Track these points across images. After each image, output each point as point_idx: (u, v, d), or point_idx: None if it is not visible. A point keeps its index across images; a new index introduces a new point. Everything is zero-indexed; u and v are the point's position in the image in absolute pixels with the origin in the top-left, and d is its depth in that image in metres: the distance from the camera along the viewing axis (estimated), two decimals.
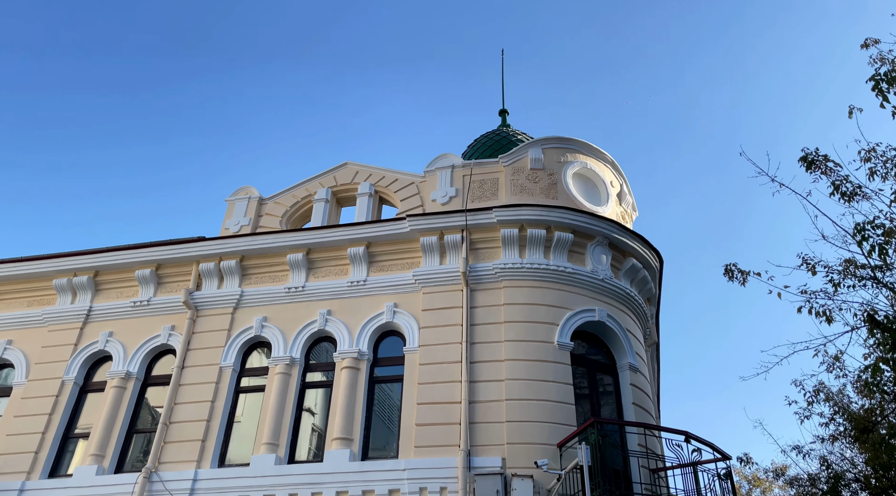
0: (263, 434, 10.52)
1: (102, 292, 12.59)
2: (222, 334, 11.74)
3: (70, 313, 12.32)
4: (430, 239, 11.66)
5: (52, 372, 11.71)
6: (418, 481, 9.59)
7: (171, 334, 11.91)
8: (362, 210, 13.10)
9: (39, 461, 10.79)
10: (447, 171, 12.83)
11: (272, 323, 11.75)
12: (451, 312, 11.09)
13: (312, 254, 12.17)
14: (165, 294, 12.39)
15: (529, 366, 10.37)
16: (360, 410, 10.62)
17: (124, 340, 11.96)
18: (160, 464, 10.41)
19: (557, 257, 11.51)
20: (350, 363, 11.00)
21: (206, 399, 11.01)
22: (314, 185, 13.75)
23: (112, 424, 11.05)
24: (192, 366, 11.41)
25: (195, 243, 12.42)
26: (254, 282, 12.31)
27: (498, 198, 12.27)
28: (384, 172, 13.56)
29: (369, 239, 11.96)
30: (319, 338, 11.74)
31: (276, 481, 10.00)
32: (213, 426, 10.77)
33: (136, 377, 11.61)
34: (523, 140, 14.53)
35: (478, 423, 9.94)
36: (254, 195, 13.66)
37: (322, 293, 11.87)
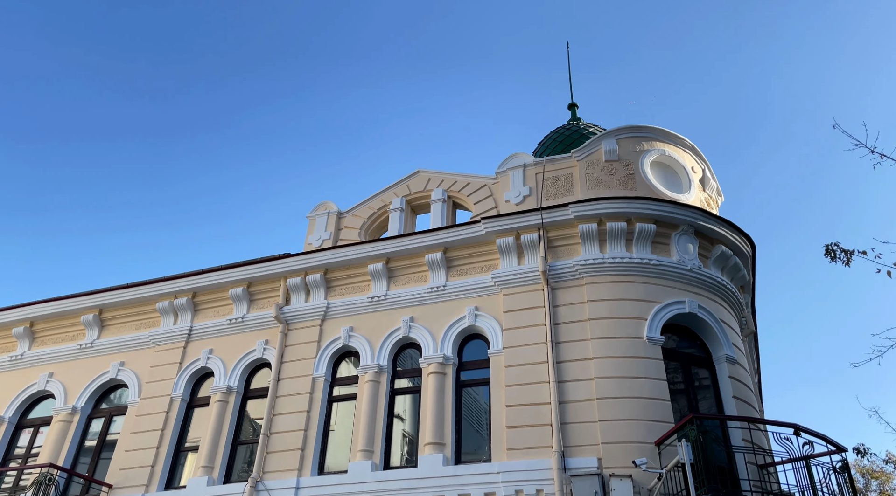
0: (358, 441, 10.76)
1: (201, 312, 13.30)
2: (312, 346, 12.12)
3: (173, 333, 13.09)
4: (506, 240, 11.59)
5: (161, 390, 12.47)
6: (513, 484, 9.52)
7: (265, 348, 12.41)
8: (437, 216, 13.21)
9: (155, 474, 11.49)
10: (519, 171, 12.73)
11: (358, 332, 12.02)
12: (534, 312, 10.98)
13: (392, 263, 12.38)
14: (258, 310, 12.93)
15: (619, 364, 10.09)
16: (449, 415, 10.67)
17: (223, 356, 12.57)
18: (264, 474, 10.85)
19: (641, 250, 11.16)
20: (436, 368, 11.08)
21: (302, 409, 11.39)
22: (388, 195, 13.99)
23: (218, 437, 11.63)
24: (286, 378, 11.84)
25: (281, 260, 12.90)
26: (338, 293, 12.65)
27: (573, 193, 12.05)
28: (456, 177, 13.62)
29: (446, 244, 12.03)
30: (404, 344, 11.91)
31: (374, 487, 10.20)
32: (311, 435, 11.12)
33: (236, 391, 12.17)
34: (595, 132, 14.23)
35: (570, 424, 9.77)
36: (332, 210, 14.06)
37: (404, 300, 12.04)
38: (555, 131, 15.23)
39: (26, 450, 12.88)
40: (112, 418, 12.77)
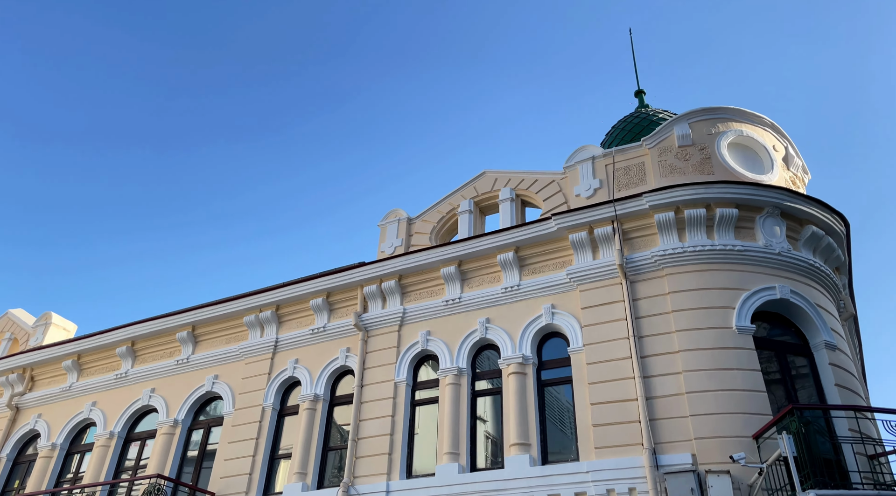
0: (444, 444, 10.84)
1: (285, 323, 13.79)
2: (392, 351, 12.32)
3: (261, 346, 13.63)
4: (579, 235, 11.39)
5: (253, 400, 13.01)
6: (604, 483, 9.33)
7: (347, 356, 12.71)
8: (506, 216, 13.14)
9: (253, 481, 11.99)
10: (587, 164, 12.48)
11: (436, 336, 12.12)
12: (613, 307, 10.72)
13: (464, 266, 12.41)
14: (338, 319, 13.27)
15: (708, 355, 9.70)
16: (533, 415, 10.58)
17: (309, 365, 12.97)
18: (355, 478, 11.11)
19: (723, 236, 10.69)
20: (516, 368, 11.02)
21: (386, 414, 11.59)
22: (456, 198, 14.04)
23: (309, 444, 12.00)
24: (369, 384, 12.08)
25: (356, 269, 13.19)
26: (413, 298, 12.80)
27: (646, 182, 11.69)
28: (523, 175, 13.51)
29: (517, 243, 11.94)
30: (482, 346, 11.91)
31: (462, 489, 10.24)
32: (397, 439, 11.30)
33: (323, 398, 12.53)
34: (665, 118, 13.76)
35: (659, 420, 9.48)
36: (402, 216, 14.25)
37: (478, 302, 12.04)
38: (622, 120, 14.83)
39: (136, 462, 13.74)
40: (210, 429, 13.43)
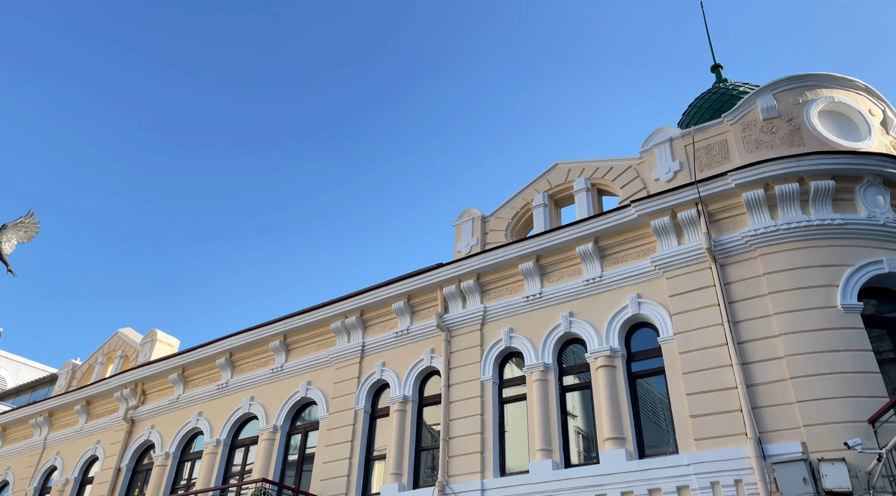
0: (536, 441, 10.76)
1: (370, 328, 14.11)
2: (476, 350, 12.35)
3: (349, 351, 14.01)
4: (661, 220, 11.01)
5: (345, 404, 13.39)
6: (707, 475, 8.97)
7: (432, 356, 12.85)
8: (582, 206, 12.88)
9: (351, 483, 12.34)
10: (665, 146, 12.05)
11: (519, 333, 12.04)
12: (703, 293, 10.30)
13: (542, 260, 12.27)
14: (420, 321, 13.44)
15: (812, 337, 9.14)
16: (625, 408, 10.32)
17: (396, 368, 13.21)
18: (449, 478, 11.22)
19: (820, 210, 10.04)
20: (604, 362, 10.78)
21: (475, 413, 11.63)
22: (529, 192, 13.91)
23: (402, 445, 12.22)
24: (456, 384, 12.16)
25: (434, 271, 13.31)
26: (493, 296, 12.78)
27: (730, 160, 11.15)
28: (597, 164, 13.21)
29: (596, 234, 11.68)
30: (567, 341, 11.73)
31: (558, 485, 10.13)
32: (487, 437, 11.32)
33: (412, 399, 12.73)
34: (746, 91, 13.09)
35: (763, 408, 9.01)
36: (476, 215, 14.26)
37: (560, 296, 11.87)
38: (700, 98, 14.22)
39: (241, 468, 14.45)
40: (307, 433, 13.93)
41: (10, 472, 18.52)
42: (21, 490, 17.78)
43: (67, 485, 16.82)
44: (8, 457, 18.95)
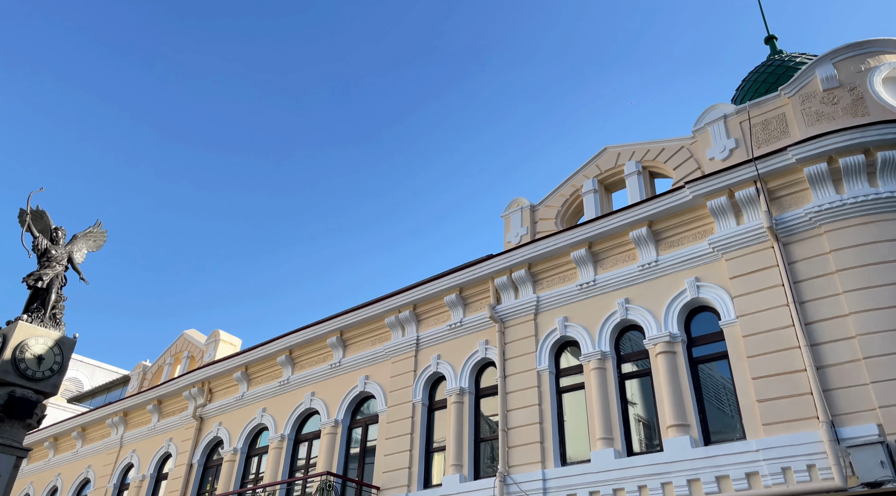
0: (596, 430, 10.65)
1: (423, 321, 14.24)
2: (531, 340, 12.30)
3: (404, 344, 14.18)
4: (717, 201, 10.68)
5: (403, 397, 13.57)
6: (778, 461, 8.70)
7: (487, 348, 12.87)
8: (634, 190, 12.63)
9: (413, 475, 12.51)
10: (719, 124, 11.67)
11: (574, 321, 11.92)
12: (766, 274, 9.96)
13: (595, 247, 12.10)
14: (473, 313, 13.48)
15: (886, 316, 8.72)
16: (688, 394, 10.10)
17: (451, 360, 13.30)
18: (510, 468, 11.23)
19: (889, 181, 9.55)
20: (663, 348, 10.57)
21: (532, 403, 11.60)
22: (578, 178, 13.72)
23: (461, 436, 12.31)
24: (512, 375, 12.15)
25: (484, 262, 13.30)
26: (546, 285, 12.69)
27: (789, 135, 10.71)
28: (648, 146, 12.92)
29: (649, 218, 11.44)
30: (624, 328, 11.55)
31: (621, 474, 10.01)
32: (546, 427, 11.27)
33: (468, 391, 12.79)
34: (803, 62, 12.54)
35: (834, 390, 8.66)
36: (525, 205, 14.17)
37: (615, 283, 11.69)
38: (754, 71, 13.68)
39: (306, 461, 14.85)
40: (368, 427, 14.19)
41: (91, 470, 19.57)
42: (102, 487, 18.77)
43: (144, 482, 17.66)
44: (89, 456, 20.02)
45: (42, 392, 9.31)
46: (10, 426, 8.96)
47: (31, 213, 10.42)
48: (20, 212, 10.42)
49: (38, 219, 10.54)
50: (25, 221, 10.39)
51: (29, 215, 10.36)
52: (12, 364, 9.12)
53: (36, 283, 10.05)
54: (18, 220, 10.46)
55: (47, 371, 9.44)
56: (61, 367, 9.66)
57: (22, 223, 10.39)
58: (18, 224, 10.45)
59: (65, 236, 10.73)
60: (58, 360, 9.62)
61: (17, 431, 9.05)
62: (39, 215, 10.60)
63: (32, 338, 9.41)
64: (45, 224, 10.62)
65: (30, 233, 10.37)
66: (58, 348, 9.61)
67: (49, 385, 9.42)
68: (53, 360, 9.56)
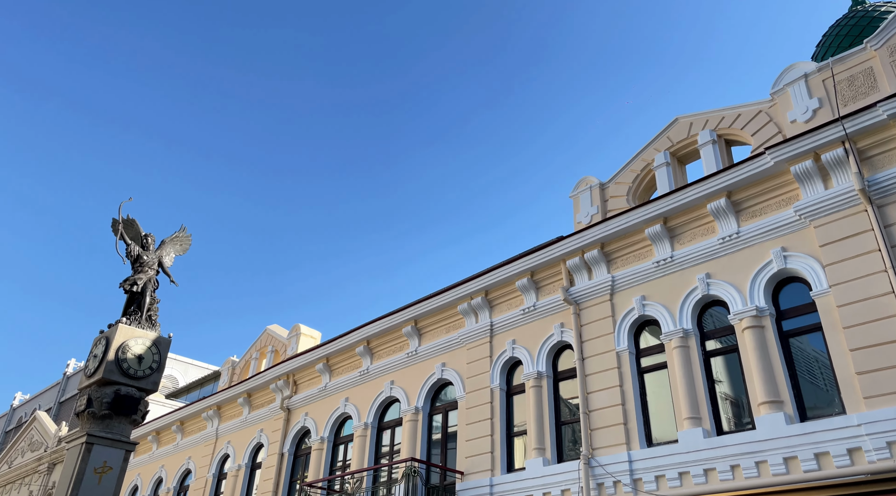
0: (682, 409, 10.37)
1: (496, 307, 14.24)
2: (608, 321, 12.07)
3: (478, 331, 14.23)
4: (802, 165, 10.09)
5: (480, 383, 13.65)
6: (882, 435, 8.21)
7: (562, 331, 12.74)
8: (709, 160, 12.11)
9: (496, 459, 12.59)
10: (800, 83, 11.00)
11: (652, 300, 11.61)
12: (860, 239, 9.35)
13: (670, 222, 11.71)
14: (546, 296, 13.36)
15: None
16: (779, 369, 9.66)
17: (526, 344, 13.25)
18: (594, 451, 11.11)
19: None
20: (750, 322, 10.14)
21: (613, 385, 11.41)
22: (649, 152, 13.29)
23: (541, 420, 12.27)
24: (591, 357, 11.98)
25: (555, 244, 13.13)
26: (620, 265, 12.40)
27: (878, 90, 9.98)
28: (722, 113, 12.34)
29: (728, 188, 10.95)
30: (706, 303, 11.16)
31: (711, 454, 9.72)
32: (629, 409, 11.07)
33: (546, 375, 12.72)
34: (890, 10, 11.60)
35: None
36: (593, 183, 13.87)
37: (693, 258, 11.29)
38: (836, 25, 12.78)
39: (390, 448, 15.22)
40: (448, 413, 14.37)
41: (191, 461, 20.80)
42: (202, 477, 19.92)
43: (240, 471, 18.61)
44: (188, 448, 21.29)
45: (144, 389, 9.94)
46: (117, 422, 9.64)
47: (123, 222, 11.09)
48: (113, 221, 11.11)
49: (129, 227, 11.21)
50: (118, 230, 11.07)
51: (121, 224, 11.03)
52: (116, 364, 9.78)
53: (131, 288, 10.71)
54: (112, 230, 11.15)
55: (147, 369, 10.07)
56: (159, 365, 10.28)
57: (115, 232, 11.07)
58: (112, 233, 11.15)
59: (154, 242, 11.36)
60: (156, 359, 10.24)
61: (125, 427, 9.72)
62: (130, 223, 11.26)
63: (132, 339, 10.05)
64: (136, 231, 11.28)
65: (123, 241, 11.04)
66: (155, 348, 10.23)
67: (150, 382, 10.05)
68: (152, 359, 10.18)
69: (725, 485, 9.43)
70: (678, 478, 9.97)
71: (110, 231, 11.15)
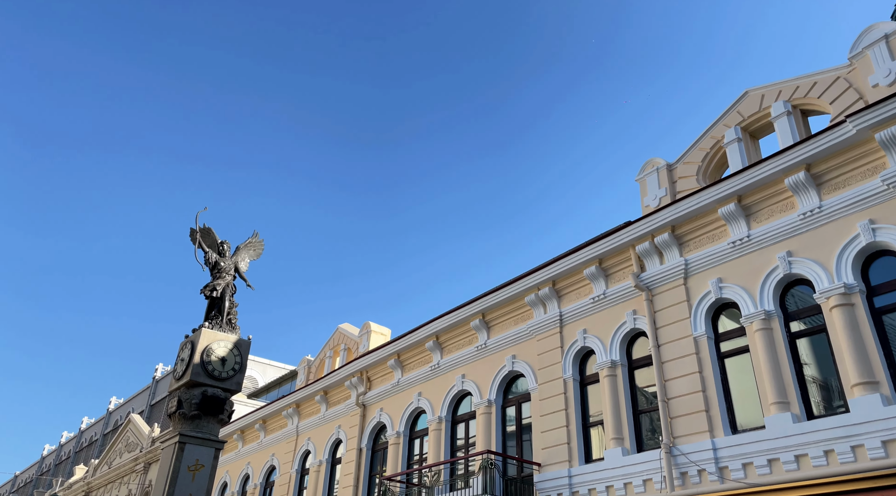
0: (768, 394, 9.94)
1: (564, 296, 14.06)
2: (683, 306, 11.70)
3: (547, 322, 14.09)
4: (888, 131, 9.46)
5: (552, 374, 13.52)
6: None
7: (635, 318, 12.44)
8: (784, 132, 11.52)
9: (573, 450, 12.45)
10: (881, 45, 10.29)
11: (729, 282, 11.18)
12: None
13: (745, 200, 11.22)
14: (616, 283, 13.08)
15: None
16: (873, 348, 9.12)
17: (598, 333, 13.02)
18: (675, 439, 10.81)
19: None
20: (838, 300, 9.60)
21: (692, 371, 11.06)
22: (718, 129, 12.76)
23: (618, 409, 12.04)
24: (666, 343, 11.65)
25: (623, 230, 12.82)
26: (693, 247, 11.99)
27: None
28: (795, 82, 11.70)
29: (806, 160, 10.39)
30: (789, 283, 10.64)
31: (802, 439, 9.28)
32: (711, 395, 10.70)
33: (620, 363, 12.46)
34: None
35: None
36: (660, 164, 13.45)
37: (772, 236, 10.79)
38: None
39: (465, 441, 15.31)
40: (521, 405, 14.32)
41: (275, 458, 21.61)
42: (286, 472, 20.67)
43: (321, 466, 19.19)
44: (271, 445, 22.13)
45: (228, 390, 10.39)
46: (206, 422, 10.11)
47: (200, 231, 11.60)
48: (191, 231, 11.63)
49: (206, 235, 11.71)
50: (196, 239, 11.58)
51: (199, 233, 11.54)
52: (202, 367, 10.25)
53: (211, 293, 11.20)
54: (190, 239, 11.68)
55: (230, 371, 10.51)
56: (241, 366, 10.71)
57: (193, 241, 11.59)
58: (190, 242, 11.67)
59: (229, 248, 11.83)
60: (238, 361, 10.67)
61: (213, 426, 10.19)
62: (207, 232, 11.76)
63: (215, 342, 10.50)
64: (213, 239, 11.77)
65: (201, 249, 11.55)
66: (236, 350, 10.66)
67: (233, 383, 10.49)
68: (234, 361, 10.62)
69: (819, 472, 8.99)
70: (767, 465, 9.58)
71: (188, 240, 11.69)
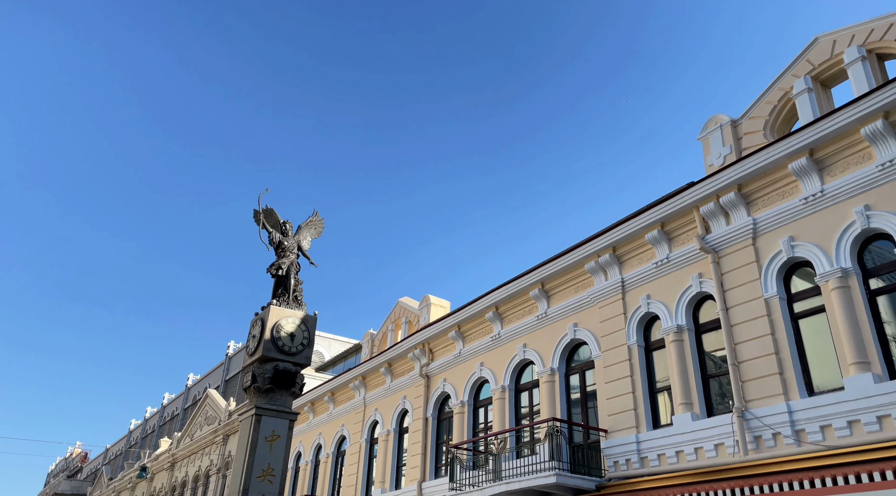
0: (847, 354, 9.54)
1: (626, 262, 13.79)
2: (752, 267, 11.29)
3: (609, 288, 13.88)
4: None
5: (616, 340, 13.35)
6: None
7: (701, 281, 12.10)
8: (859, 80, 10.81)
9: (640, 416, 12.33)
10: None
11: (801, 240, 10.70)
12: None
13: (817, 153, 10.64)
14: (680, 247, 12.72)
15: None
16: None
17: (662, 298, 12.74)
18: (747, 403, 10.55)
19: None
20: None
21: (764, 333, 10.70)
22: (786, 80, 12.08)
23: (685, 374, 11.82)
24: (735, 306, 11.30)
25: (685, 191, 12.41)
26: (761, 205, 11.50)
27: None
28: (870, 25, 10.92)
29: (884, 107, 9.74)
30: (867, 238, 10.11)
31: (884, 399, 8.91)
32: (784, 357, 10.36)
33: (687, 328, 12.18)
34: None
35: None
36: (724, 121, 12.88)
37: (848, 190, 10.22)
38: None
39: (529, 409, 15.41)
40: (584, 372, 14.25)
41: (344, 428, 22.37)
42: (356, 442, 21.38)
43: (390, 436, 19.74)
44: (341, 416, 22.90)
45: (298, 364, 10.78)
46: (279, 395, 10.54)
47: (263, 212, 11.94)
48: (254, 212, 11.99)
49: (269, 216, 12.05)
50: (260, 220, 11.94)
51: (262, 214, 11.89)
52: (272, 342, 10.66)
53: (277, 272, 11.56)
54: (254, 220, 12.05)
55: (299, 345, 10.89)
56: (309, 341, 11.07)
57: (257, 222, 11.95)
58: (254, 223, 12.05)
59: (292, 228, 12.14)
60: (305, 336, 11.04)
61: (286, 399, 10.62)
62: (269, 213, 12.10)
63: (283, 319, 10.88)
64: (275, 219, 12.11)
65: (265, 229, 11.90)
66: (304, 325, 11.01)
67: (303, 357, 10.87)
68: (302, 336, 10.98)
69: None
70: (847, 426, 9.23)
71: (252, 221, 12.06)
